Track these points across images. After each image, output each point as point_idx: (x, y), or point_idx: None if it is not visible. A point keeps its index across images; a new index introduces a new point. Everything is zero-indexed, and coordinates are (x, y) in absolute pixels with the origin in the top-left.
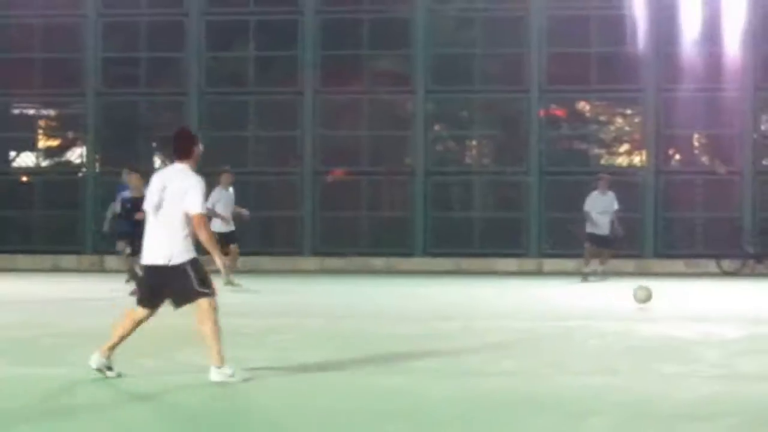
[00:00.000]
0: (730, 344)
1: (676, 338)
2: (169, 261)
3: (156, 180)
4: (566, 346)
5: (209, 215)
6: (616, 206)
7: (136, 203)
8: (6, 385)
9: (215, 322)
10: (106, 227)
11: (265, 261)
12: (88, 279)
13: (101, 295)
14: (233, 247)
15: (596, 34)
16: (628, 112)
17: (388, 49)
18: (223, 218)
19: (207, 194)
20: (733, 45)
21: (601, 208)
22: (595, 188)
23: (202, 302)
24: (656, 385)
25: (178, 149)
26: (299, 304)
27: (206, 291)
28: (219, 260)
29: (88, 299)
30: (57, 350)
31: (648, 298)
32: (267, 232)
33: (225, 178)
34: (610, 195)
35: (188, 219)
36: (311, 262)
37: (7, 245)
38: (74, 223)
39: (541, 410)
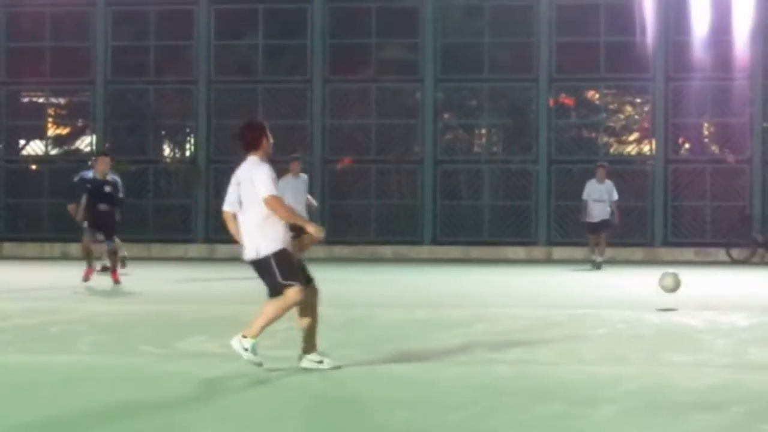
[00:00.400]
0: (740, 333)
1: (685, 327)
2: (257, 254)
3: (233, 178)
4: (576, 334)
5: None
6: (615, 196)
7: (96, 185)
8: (14, 372)
9: (284, 311)
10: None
11: None
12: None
13: (110, 282)
14: (305, 237)
15: (605, 22)
16: (637, 101)
17: (397, 38)
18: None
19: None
20: (742, 34)
21: (597, 196)
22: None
23: (288, 292)
24: (665, 373)
25: (247, 141)
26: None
27: (290, 283)
28: (311, 229)
29: (96, 286)
30: (65, 337)
31: (676, 285)
32: None
33: (293, 165)
34: (608, 184)
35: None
36: (320, 250)
37: (16, 233)
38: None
39: (550, 398)
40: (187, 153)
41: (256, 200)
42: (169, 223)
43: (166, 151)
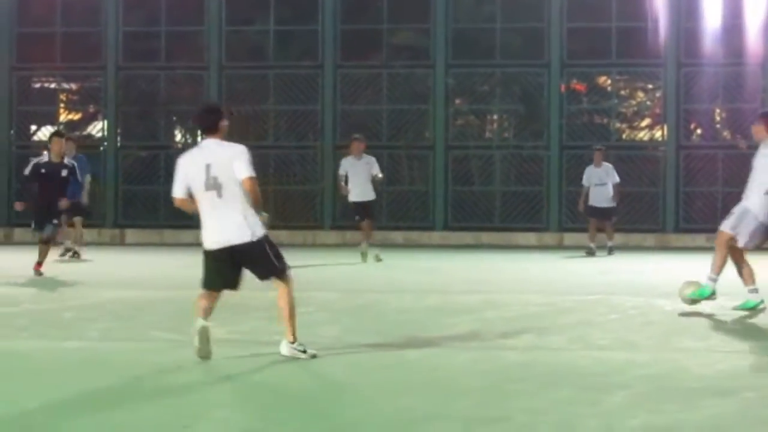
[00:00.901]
0: (752, 318)
1: (696, 313)
2: (253, 236)
3: (191, 161)
4: (587, 320)
5: (339, 183)
6: (616, 178)
7: (52, 169)
8: (26, 357)
9: (293, 296)
10: (86, 199)
11: (284, 235)
12: (108, 252)
13: (121, 268)
14: (366, 222)
15: (617, 8)
16: (649, 86)
17: (408, 24)
18: (346, 189)
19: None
20: (754, 19)
21: (597, 180)
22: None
23: (288, 274)
24: (677, 359)
25: (209, 124)
26: (318, 278)
27: (283, 266)
28: (261, 218)
29: (107, 272)
30: (77, 323)
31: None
32: (286, 206)
33: (355, 146)
34: (607, 167)
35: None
36: (331, 235)
37: (29, 218)
38: (95, 196)
39: (561, 384)
40: (199, 139)
41: (236, 181)
42: (180, 209)
43: (178, 136)
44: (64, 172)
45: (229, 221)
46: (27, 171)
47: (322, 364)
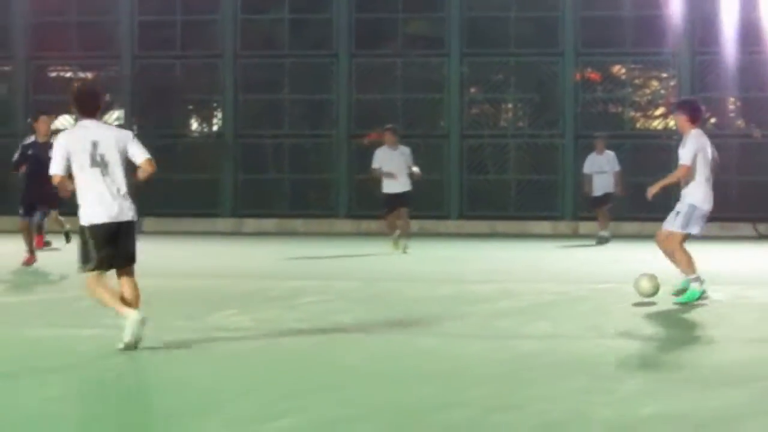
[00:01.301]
0: (765, 308)
1: (710, 301)
2: (134, 216)
3: (74, 139)
4: (601, 309)
5: (376, 175)
6: (617, 167)
7: (39, 150)
8: (41, 346)
9: None
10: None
11: (299, 224)
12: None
13: (137, 257)
14: (404, 210)
15: None
16: (663, 75)
17: (423, 12)
18: (390, 176)
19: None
20: None
21: (598, 168)
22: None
23: (133, 266)
24: (690, 348)
25: (90, 106)
26: (334, 267)
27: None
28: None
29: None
30: (93, 312)
31: (654, 290)
32: (301, 194)
33: (388, 136)
34: (609, 154)
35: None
36: (346, 224)
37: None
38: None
39: (576, 372)
40: (214, 127)
41: (120, 162)
42: (197, 198)
43: (194, 125)
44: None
45: (116, 198)
46: (16, 155)
47: (341, 352)
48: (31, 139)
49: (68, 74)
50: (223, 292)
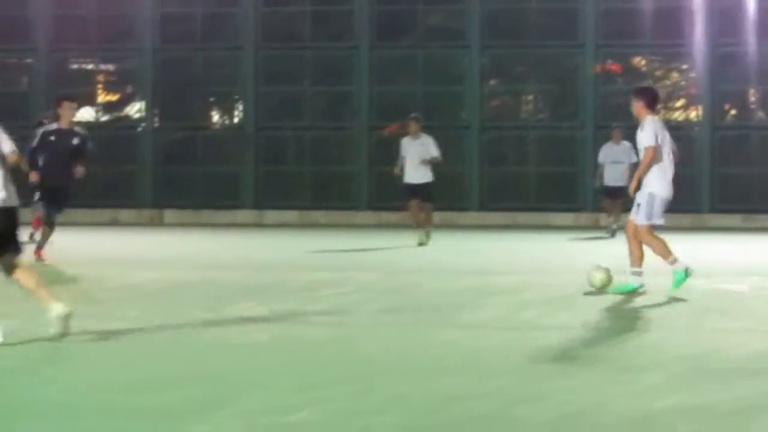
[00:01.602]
0: None
1: (731, 293)
2: (17, 203)
3: None
4: (622, 301)
5: (400, 165)
6: (634, 158)
7: (62, 137)
8: (62, 338)
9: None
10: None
11: (319, 215)
12: (146, 232)
13: (159, 248)
14: (426, 205)
15: None
16: (683, 67)
17: (443, 4)
18: (399, 169)
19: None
20: None
21: (613, 158)
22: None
23: (19, 256)
24: (711, 340)
25: None
26: (354, 258)
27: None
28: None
29: (146, 252)
30: (113, 304)
31: (607, 281)
32: (322, 186)
33: (411, 125)
34: (625, 145)
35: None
36: (367, 216)
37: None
38: (133, 177)
39: (597, 364)
40: (236, 119)
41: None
42: (218, 190)
43: (215, 117)
44: (75, 140)
45: (6, 185)
46: (35, 142)
47: (360, 343)
48: (53, 126)
49: (89, 66)
50: (244, 284)
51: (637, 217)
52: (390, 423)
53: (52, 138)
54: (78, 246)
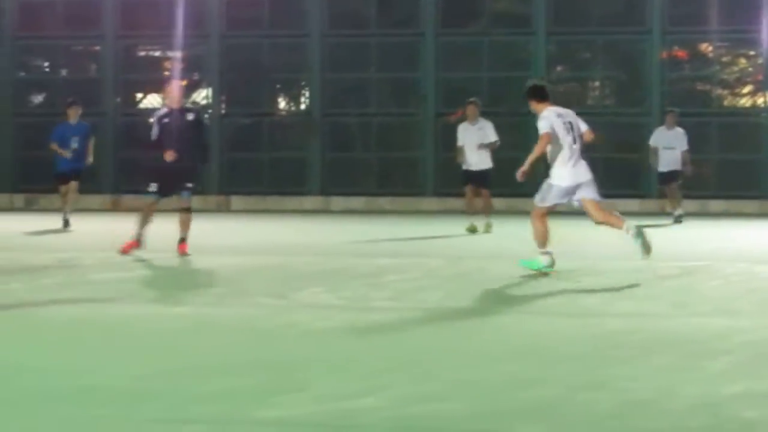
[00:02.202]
0: None
1: None
2: None
3: None
4: (688, 287)
5: (461, 153)
6: (685, 145)
7: (176, 118)
8: (132, 323)
9: None
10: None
11: (385, 202)
12: (213, 219)
13: (227, 235)
14: (484, 191)
15: None
16: (751, 53)
17: None
18: (461, 157)
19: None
20: None
21: (665, 143)
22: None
23: None
24: None
25: None
26: (419, 245)
27: None
28: None
29: (214, 239)
30: (186, 289)
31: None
32: (388, 173)
33: (469, 110)
34: (678, 131)
35: None
36: (433, 202)
37: (134, 186)
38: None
39: (661, 350)
40: (302, 106)
41: None
42: (284, 176)
43: (281, 104)
44: (190, 116)
45: None
46: (154, 130)
47: (425, 329)
48: (164, 110)
49: (157, 53)
50: (310, 270)
51: (535, 197)
52: (454, 409)
53: (167, 120)
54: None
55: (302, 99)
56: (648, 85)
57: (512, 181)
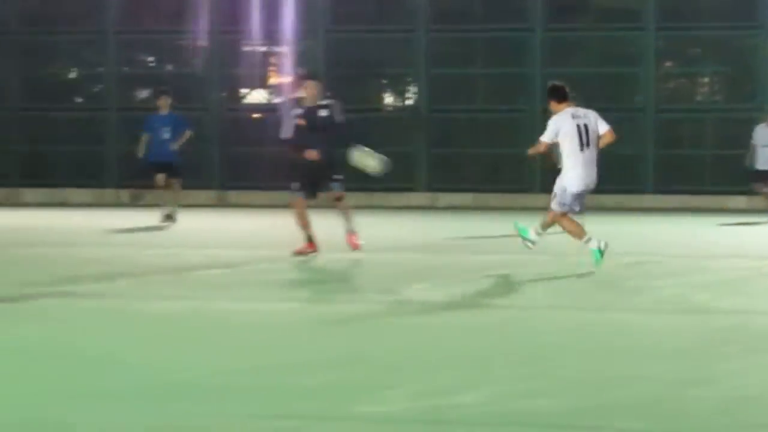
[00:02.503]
0: None
1: None
2: None
3: None
4: None
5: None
6: None
7: (310, 114)
8: (238, 318)
9: None
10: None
11: (492, 198)
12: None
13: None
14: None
15: None
16: None
17: None
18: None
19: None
20: None
21: (765, 142)
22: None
23: None
24: None
25: None
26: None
27: None
28: None
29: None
30: (290, 285)
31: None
32: (494, 169)
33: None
34: None
35: None
36: (540, 199)
37: (240, 181)
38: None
39: None
40: (408, 102)
41: None
42: (391, 172)
43: (387, 99)
44: (323, 113)
45: None
46: (286, 128)
47: (530, 326)
48: (298, 110)
49: (261, 48)
50: (418, 266)
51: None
52: (557, 405)
53: (304, 118)
54: (253, 228)
55: (408, 94)
56: (759, 80)
57: (621, 178)
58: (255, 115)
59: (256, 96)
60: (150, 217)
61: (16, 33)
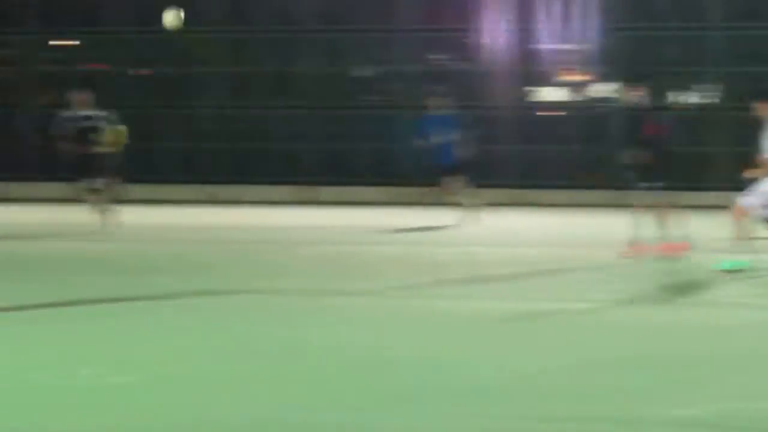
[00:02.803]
0: None
1: None
2: None
3: None
4: None
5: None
6: None
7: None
8: (510, 319)
9: None
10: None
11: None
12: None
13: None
14: None
15: None
16: None
17: None
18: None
19: None
20: None
21: None
22: None
23: None
24: None
25: None
26: None
27: None
28: None
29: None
30: (585, 285)
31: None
32: None
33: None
34: None
35: None
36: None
37: (537, 179)
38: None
39: None
40: (702, 100)
41: None
42: (691, 171)
43: (682, 97)
44: (638, 113)
45: None
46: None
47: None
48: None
49: (550, 46)
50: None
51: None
52: None
53: (627, 120)
54: (552, 225)
55: (702, 92)
56: None
57: None
58: (552, 113)
59: (549, 94)
60: (442, 216)
61: (313, 31)
